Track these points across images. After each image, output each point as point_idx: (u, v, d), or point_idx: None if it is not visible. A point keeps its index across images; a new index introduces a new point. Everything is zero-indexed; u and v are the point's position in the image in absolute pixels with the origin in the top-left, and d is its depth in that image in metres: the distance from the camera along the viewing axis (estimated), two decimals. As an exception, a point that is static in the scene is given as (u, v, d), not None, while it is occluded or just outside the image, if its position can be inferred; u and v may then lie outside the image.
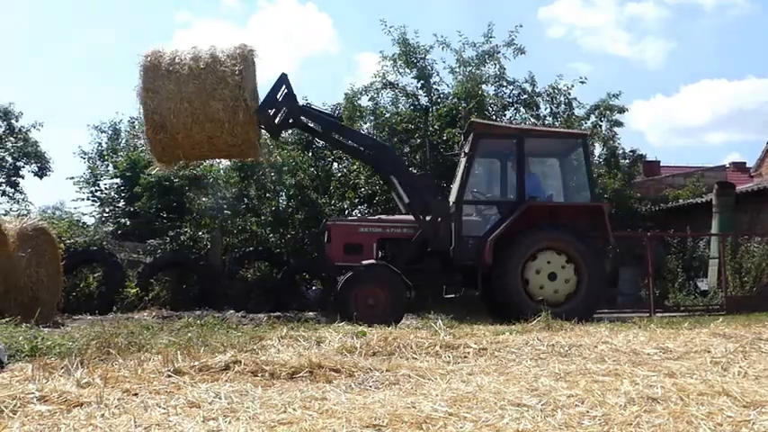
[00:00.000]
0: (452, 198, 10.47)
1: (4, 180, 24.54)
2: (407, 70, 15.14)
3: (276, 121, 10.38)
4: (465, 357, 5.44)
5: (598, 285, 9.89)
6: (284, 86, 10.34)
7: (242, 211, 15.87)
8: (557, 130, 12.67)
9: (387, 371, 4.61)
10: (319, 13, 63.71)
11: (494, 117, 14.84)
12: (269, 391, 4.02)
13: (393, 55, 15.09)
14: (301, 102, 10.69)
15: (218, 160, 18.61)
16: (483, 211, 10.70)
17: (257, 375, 4.51)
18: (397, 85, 15.37)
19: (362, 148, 11.04)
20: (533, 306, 9.17)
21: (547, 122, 15.35)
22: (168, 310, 12.43)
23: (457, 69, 15.11)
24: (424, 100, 15.32)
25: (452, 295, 10.63)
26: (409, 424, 3.12)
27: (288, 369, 4.60)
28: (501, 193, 10.88)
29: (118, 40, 55.68)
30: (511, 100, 15.28)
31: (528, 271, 9.78)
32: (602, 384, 3.98)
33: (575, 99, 15.55)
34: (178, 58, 10.04)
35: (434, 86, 15.30)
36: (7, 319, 7.10)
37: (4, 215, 13.88)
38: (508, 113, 15.44)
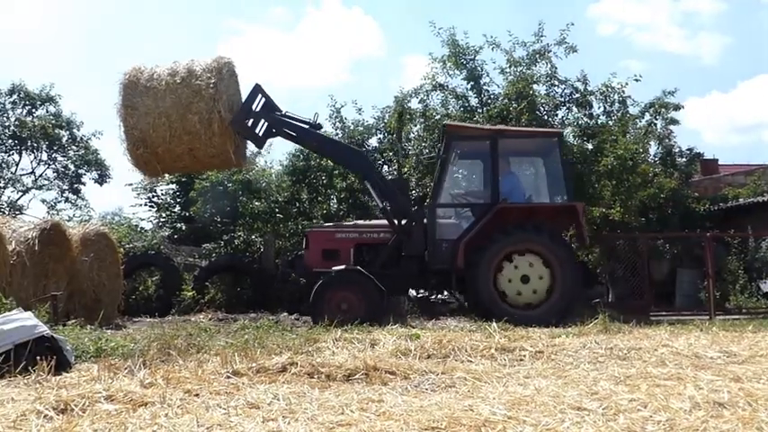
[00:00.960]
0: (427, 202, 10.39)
1: (67, 187, 25.39)
2: (457, 72, 15.05)
3: (258, 131, 10.55)
4: (521, 360, 5.39)
5: (572, 286, 9.57)
6: (260, 96, 10.48)
7: (294, 215, 16.04)
8: (531, 129, 12.43)
9: (442, 373, 4.60)
10: (365, 16, 64.06)
11: (545, 117, 14.65)
12: (326, 392, 4.05)
13: (442, 57, 15.04)
14: (285, 109, 10.76)
15: (269, 164, 18.96)
16: (458, 214, 10.55)
17: (313, 377, 4.56)
18: (447, 86, 15.32)
19: (338, 155, 11.37)
20: (506, 309, 9.12)
21: (600, 121, 15.07)
22: (223, 313, 12.65)
23: (507, 69, 14.94)
24: (474, 101, 15.22)
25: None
26: (468, 427, 3.10)
27: (343, 371, 4.63)
28: (475, 195, 10.74)
29: (172, 50, 57.10)
30: (563, 99, 15.04)
31: (501, 274, 9.55)
32: (665, 388, 3.89)
33: (629, 97, 15.23)
34: (156, 74, 10.25)
35: (484, 87, 15.18)
36: (73, 321, 7.34)
37: (68, 221, 14.33)
38: (560, 113, 15.22)
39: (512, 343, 6.04)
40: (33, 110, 24.21)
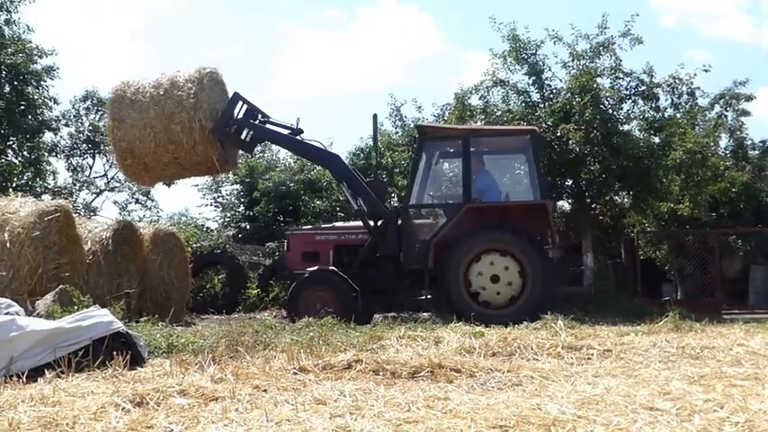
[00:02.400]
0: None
1: (137, 189, 26.22)
2: (518, 67, 14.83)
3: (245, 137, 10.98)
4: (589, 359, 5.29)
5: (543, 285, 9.46)
6: (241, 103, 10.81)
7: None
8: (503, 128, 12.35)
9: (508, 371, 4.55)
10: (421, 13, 63.76)
11: (610, 110, 14.30)
12: (391, 389, 4.06)
13: (503, 52, 14.83)
14: (266, 114, 11.09)
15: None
16: (431, 214, 10.65)
17: (379, 374, 4.58)
18: (508, 82, 15.12)
19: (316, 158, 11.88)
20: (477, 309, 9.14)
21: (668, 114, 14.64)
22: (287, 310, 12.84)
23: (570, 63, 14.63)
24: (535, 96, 14.99)
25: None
26: (537, 426, 3.06)
27: (408, 368, 4.64)
28: (448, 195, 10.90)
29: (229, 55, 58.14)
30: (628, 92, 14.64)
31: (471, 273, 9.53)
32: (742, 389, 3.76)
33: (698, 89, 14.72)
34: (141, 87, 10.63)
35: (546, 82, 14.92)
36: (145, 317, 7.58)
37: (138, 222, 14.82)
38: (625, 106, 14.82)
39: (578, 341, 5.93)
40: (105, 115, 25.01)
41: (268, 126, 11.17)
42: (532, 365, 4.86)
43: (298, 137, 11.14)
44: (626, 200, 15.35)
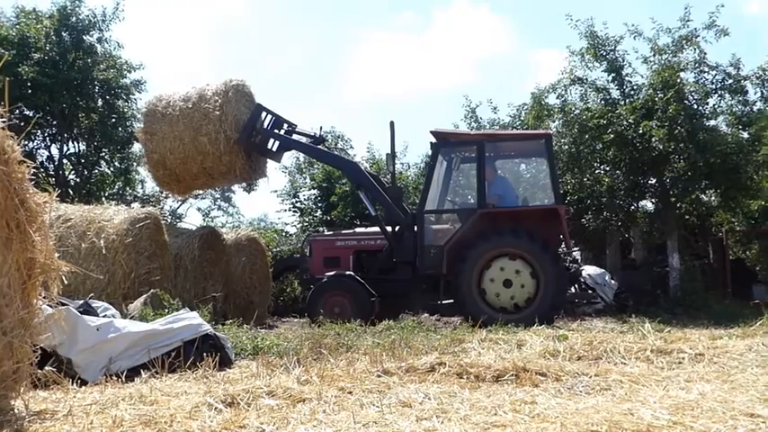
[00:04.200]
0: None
1: (219, 196, 27.05)
2: (597, 64, 14.51)
3: (270, 147, 11.36)
4: (680, 363, 5.10)
5: (556, 290, 9.46)
6: (265, 114, 11.24)
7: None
8: (519, 132, 12.41)
9: (596, 376, 4.45)
10: (492, 14, 63.00)
11: (695, 106, 13.79)
12: (476, 393, 4.04)
13: (580, 49, 14.56)
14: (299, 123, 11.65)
15: (406, 167, 19.19)
16: (446, 219, 10.71)
17: (462, 377, 4.55)
18: (586, 80, 14.81)
19: (337, 165, 12.49)
20: (490, 313, 9.19)
21: (757, 108, 13.98)
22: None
23: (651, 58, 14.20)
24: (615, 93, 14.62)
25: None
26: (630, 431, 2.98)
27: (492, 372, 4.60)
28: (463, 200, 11.00)
29: (299, 63, 59.08)
30: (714, 87, 14.07)
31: (484, 278, 9.60)
32: None
33: (791, 81, 13.98)
34: (172, 101, 11.06)
35: (626, 78, 14.54)
36: (230, 320, 7.81)
37: (221, 227, 15.26)
38: (711, 101, 14.24)
39: (668, 345, 5.73)
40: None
41: (294, 136, 11.68)
42: (621, 370, 4.73)
43: (320, 145, 11.78)
44: (713, 198, 14.78)
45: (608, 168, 14.60)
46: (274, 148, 11.50)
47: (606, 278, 13.14)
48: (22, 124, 11.91)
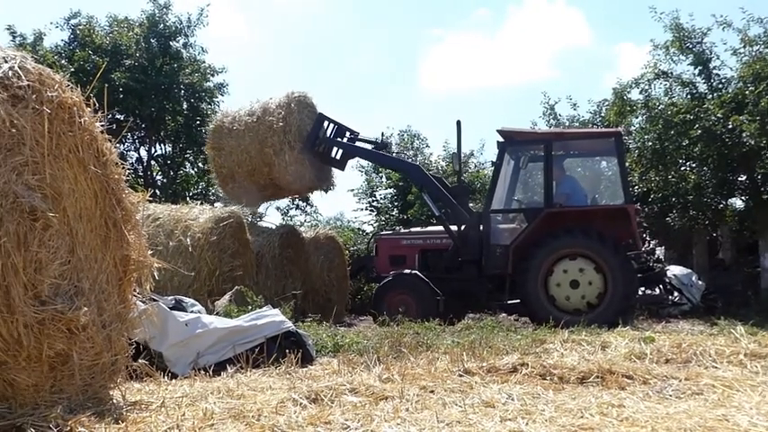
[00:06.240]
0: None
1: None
2: (682, 57, 14.01)
3: (334, 155, 11.53)
4: (776, 368, 4.86)
5: (624, 291, 9.17)
6: (327, 123, 11.38)
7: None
8: (588, 131, 12.16)
9: (686, 379, 4.28)
10: (568, 7, 61.56)
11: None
12: (560, 395, 3.97)
13: (665, 42, 14.10)
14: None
15: (483, 165, 19.04)
16: (513, 219, 10.61)
17: (545, 378, 4.48)
18: (671, 73, 14.31)
19: (400, 169, 12.88)
20: (557, 315, 8.91)
21: None
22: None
23: (741, 50, 13.60)
24: (702, 87, 14.07)
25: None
26: (725, 438, 2.87)
27: (576, 373, 4.50)
28: (530, 200, 10.84)
29: (372, 66, 59.38)
30: (811, 78, 13.35)
31: (551, 278, 9.42)
32: None
33: None
34: (238, 116, 11.36)
35: (714, 71, 13.97)
36: (311, 318, 7.95)
37: (300, 226, 15.55)
38: (808, 93, 13.51)
39: (763, 348, 5.46)
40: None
41: (357, 143, 11.81)
42: (712, 374, 4.54)
43: (382, 150, 11.90)
44: (810, 195, 13.99)
45: (694, 165, 14.05)
46: (338, 157, 11.68)
47: (693, 279, 12.66)
48: (115, 128, 12.53)
